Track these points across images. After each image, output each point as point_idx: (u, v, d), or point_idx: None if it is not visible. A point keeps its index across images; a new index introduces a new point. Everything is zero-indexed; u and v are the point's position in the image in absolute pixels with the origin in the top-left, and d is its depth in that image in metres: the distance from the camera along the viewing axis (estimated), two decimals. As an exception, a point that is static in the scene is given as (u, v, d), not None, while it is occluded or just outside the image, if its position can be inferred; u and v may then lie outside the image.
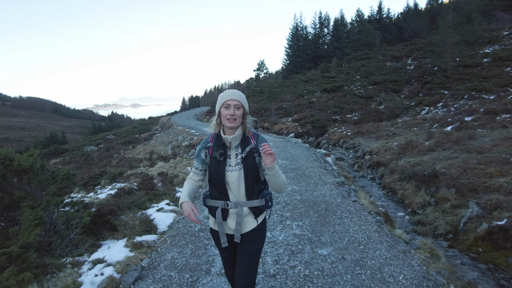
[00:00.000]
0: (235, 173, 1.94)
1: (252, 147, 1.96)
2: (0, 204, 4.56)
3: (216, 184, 1.97)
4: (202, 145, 2.08)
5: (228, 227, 2.02)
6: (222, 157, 1.95)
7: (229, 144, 1.97)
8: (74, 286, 3.25)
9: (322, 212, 4.93)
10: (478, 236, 4.88)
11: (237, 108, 1.89)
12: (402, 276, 3.15)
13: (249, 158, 1.95)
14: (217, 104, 1.97)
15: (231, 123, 1.89)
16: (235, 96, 1.90)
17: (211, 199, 2.05)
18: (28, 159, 4.94)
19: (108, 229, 4.80)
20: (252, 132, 2.04)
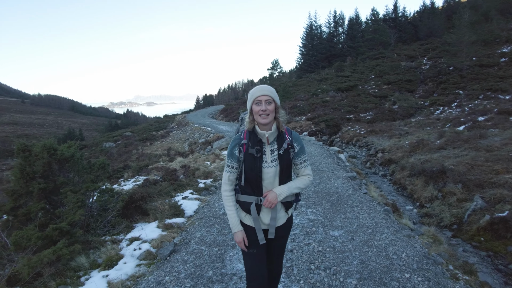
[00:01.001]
0: (272, 169, 1.94)
1: (288, 143, 1.97)
2: (46, 189, 5.16)
3: (250, 180, 1.96)
4: (234, 142, 2.02)
5: (261, 221, 2.01)
6: (259, 154, 1.93)
7: (266, 140, 1.95)
8: (117, 257, 3.78)
9: (334, 202, 5.37)
10: (481, 226, 5.23)
11: (268, 103, 1.88)
12: (404, 254, 3.56)
13: (285, 154, 1.96)
14: (248, 101, 1.97)
15: (264, 118, 1.88)
16: (265, 91, 1.90)
17: (242, 194, 2.03)
18: (69, 150, 5.53)
19: (140, 213, 5.36)
20: (286, 127, 2.03)
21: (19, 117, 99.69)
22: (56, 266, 3.90)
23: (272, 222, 1.99)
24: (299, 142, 2.04)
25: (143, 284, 3.08)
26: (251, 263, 2.06)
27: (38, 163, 5.09)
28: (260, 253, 2.05)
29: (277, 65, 50.08)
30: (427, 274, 3.20)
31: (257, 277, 2.03)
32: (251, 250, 2.04)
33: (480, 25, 35.01)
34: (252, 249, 2.04)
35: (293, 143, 2.00)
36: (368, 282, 2.98)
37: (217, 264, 3.33)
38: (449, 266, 3.62)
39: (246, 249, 1.98)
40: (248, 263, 2.08)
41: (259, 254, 2.05)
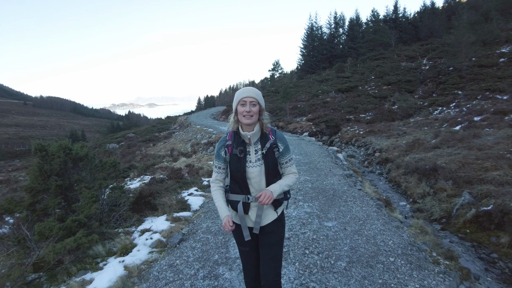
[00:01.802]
0: (256, 168, 2.00)
1: (272, 143, 2.02)
2: (62, 186, 5.56)
3: (237, 180, 2.03)
4: (220, 144, 2.11)
5: (249, 219, 2.07)
6: (242, 154, 2.00)
7: (248, 141, 2.02)
8: (130, 246, 4.18)
9: (330, 197, 5.75)
10: (467, 219, 5.59)
11: (253, 105, 1.95)
12: (391, 242, 3.93)
13: (269, 154, 2.01)
14: (233, 102, 2.04)
15: (248, 119, 1.95)
16: (250, 93, 1.96)
17: (231, 193, 2.08)
18: (83, 149, 5.94)
19: (149, 208, 5.76)
20: (270, 128, 2.09)
21: (22, 119, 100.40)
22: (75, 254, 4.29)
23: (258, 219, 2.02)
24: (284, 142, 2.09)
25: (157, 267, 3.47)
26: (244, 260, 2.23)
27: (55, 162, 5.50)
28: (252, 251, 2.15)
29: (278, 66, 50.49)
30: (410, 258, 3.58)
31: (250, 273, 2.20)
32: (244, 248, 2.16)
33: (480, 26, 35.28)
34: (245, 247, 2.14)
35: (277, 142, 2.05)
36: (356, 265, 3.36)
37: (222, 250, 3.72)
38: (433, 253, 3.98)
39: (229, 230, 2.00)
40: (242, 260, 2.25)
41: (251, 252, 2.15)
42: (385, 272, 3.23)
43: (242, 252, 2.20)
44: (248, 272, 2.22)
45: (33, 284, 3.84)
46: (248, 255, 2.17)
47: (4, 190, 14.47)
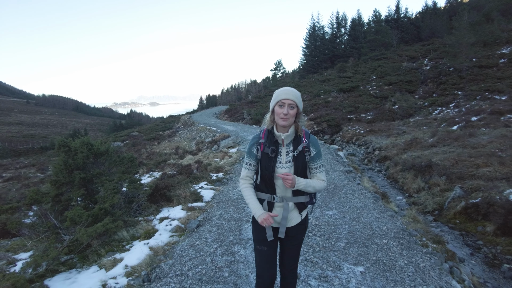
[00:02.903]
0: (285, 170, 1.99)
1: (304, 146, 2.00)
2: (85, 178, 6.07)
3: (265, 179, 2.03)
4: (253, 141, 2.11)
5: (274, 219, 2.05)
6: (273, 154, 1.99)
7: (282, 142, 2.01)
8: (152, 231, 4.67)
9: (331, 190, 6.24)
10: (457, 211, 6.08)
11: (291, 108, 1.93)
12: (385, 227, 4.42)
13: (300, 157, 2.00)
14: (272, 101, 2.01)
15: (284, 121, 1.93)
16: (290, 95, 1.93)
17: (257, 191, 2.10)
18: (104, 145, 6.44)
19: (164, 200, 6.27)
20: (305, 131, 2.07)
21: (24, 118, 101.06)
22: (102, 239, 4.80)
23: (283, 222, 2.03)
24: (317, 147, 2.07)
25: (179, 247, 3.97)
26: (260, 260, 2.14)
27: (78, 157, 6.00)
28: (269, 252, 2.10)
29: (280, 66, 51.02)
30: (401, 241, 4.06)
31: (264, 275, 2.11)
32: (261, 248, 2.10)
33: (481, 26, 35.62)
34: (263, 246, 2.09)
35: (309, 147, 2.04)
36: (353, 245, 3.85)
37: (236, 233, 4.23)
38: (423, 238, 4.46)
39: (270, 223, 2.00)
40: (258, 260, 2.16)
41: (269, 252, 2.10)
42: (379, 251, 3.72)
43: (259, 252, 2.13)
44: (262, 274, 2.13)
45: (67, 264, 4.34)
46: (265, 255, 2.11)
47: (17, 186, 15.02)
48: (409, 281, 3.12)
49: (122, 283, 3.29)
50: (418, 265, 3.46)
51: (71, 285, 3.62)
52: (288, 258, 2.20)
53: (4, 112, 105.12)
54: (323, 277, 3.15)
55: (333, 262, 3.43)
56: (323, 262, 3.43)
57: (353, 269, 3.31)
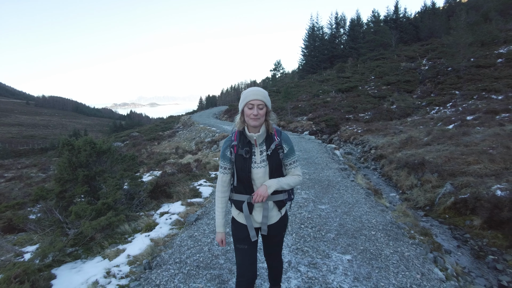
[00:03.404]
0: (261, 169, 2.01)
1: (277, 144, 2.03)
2: (88, 175, 6.30)
3: (242, 180, 2.03)
4: (226, 144, 2.11)
5: (253, 220, 2.09)
6: (248, 155, 2.01)
7: (254, 142, 2.03)
8: (153, 224, 4.90)
9: (325, 186, 6.47)
10: (446, 206, 6.31)
11: (260, 108, 1.94)
12: (375, 220, 4.64)
13: (274, 155, 2.03)
14: (240, 103, 2.02)
15: (255, 121, 1.95)
16: (258, 96, 1.94)
17: (236, 193, 2.11)
18: (106, 144, 6.68)
19: (165, 196, 6.50)
20: (275, 129, 2.09)
21: (24, 119, 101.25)
22: (106, 232, 5.02)
23: (264, 220, 2.07)
24: (289, 143, 2.11)
25: (178, 238, 4.20)
26: (241, 259, 2.13)
27: (82, 155, 6.23)
28: (250, 250, 2.12)
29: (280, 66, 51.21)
30: (389, 233, 4.28)
31: (245, 274, 2.11)
32: (242, 246, 2.11)
33: (479, 26, 35.85)
34: (243, 245, 2.10)
35: (282, 144, 2.07)
36: (343, 236, 4.08)
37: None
38: (411, 231, 4.69)
39: (223, 245, 2.18)
40: (239, 259, 2.15)
41: (250, 251, 2.12)
42: (366, 242, 3.94)
43: (240, 251, 2.13)
44: (243, 273, 2.13)
45: (72, 255, 4.57)
46: (245, 253, 2.12)
47: (19, 185, 15.25)
48: (393, 268, 3.34)
49: (125, 271, 3.52)
50: (403, 254, 3.68)
51: (77, 273, 3.84)
52: (273, 251, 2.33)
53: (4, 113, 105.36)
54: (312, 264, 3.38)
55: (322, 251, 3.66)
56: (313, 251, 3.66)
57: (341, 257, 3.54)
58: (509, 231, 5.00)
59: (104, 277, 3.49)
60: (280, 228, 2.20)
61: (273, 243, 2.27)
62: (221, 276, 3.17)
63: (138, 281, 3.23)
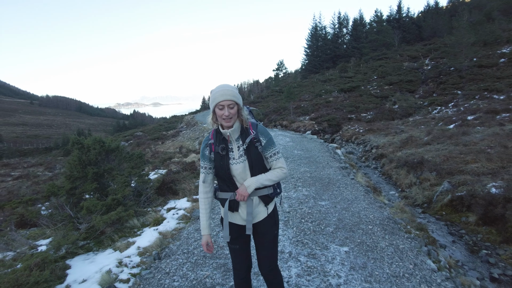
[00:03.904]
0: (240, 165, 1.98)
1: (253, 137, 1.99)
2: (98, 173, 6.54)
3: (223, 178, 2.01)
4: (204, 143, 2.10)
5: (240, 217, 2.05)
6: (224, 151, 1.98)
7: (227, 138, 2.01)
8: (161, 219, 5.14)
9: (325, 184, 6.68)
10: (444, 204, 6.50)
11: (231, 108, 1.91)
12: (372, 216, 4.86)
13: (252, 149, 1.99)
14: (210, 103, 1.97)
15: (228, 122, 1.93)
16: (227, 96, 1.89)
17: (220, 191, 2.09)
18: (114, 143, 6.92)
19: (171, 193, 6.74)
20: (251, 122, 2.05)
21: (28, 118, 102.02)
22: (115, 226, 5.27)
23: (249, 217, 1.99)
24: (266, 135, 2.05)
25: (185, 231, 4.44)
26: (234, 257, 2.16)
27: (91, 153, 6.48)
28: (242, 249, 2.12)
29: (282, 66, 51.46)
30: (386, 227, 4.49)
31: (240, 268, 2.15)
32: (234, 246, 2.11)
33: (482, 26, 35.84)
34: (234, 245, 2.10)
35: (258, 137, 2.01)
36: (341, 230, 4.30)
37: (236, 220, 4.70)
38: (407, 226, 4.89)
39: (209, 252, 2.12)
40: (232, 257, 2.18)
41: (241, 250, 2.12)
42: (363, 235, 4.16)
43: (232, 250, 2.14)
44: (238, 273, 2.17)
45: (84, 248, 4.82)
46: (238, 253, 2.12)
47: (27, 184, 15.56)
48: (388, 259, 3.56)
49: (135, 261, 3.75)
50: (398, 246, 3.89)
51: (90, 264, 4.09)
52: (264, 257, 2.15)
53: (8, 113, 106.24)
54: (312, 254, 3.60)
55: (321, 243, 3.88)
56: (313, 243, 3.88)
57: (339, 249, 3.76)
58: (502, 227, 5.19)
59: (117, 266, 3.72)
60: (269, 225, 2.09)
61: (265, 242, 2.12)
62: (226, 265, 3.40)
63: (148, 269, 3.46)
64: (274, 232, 2.14)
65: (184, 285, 3.06)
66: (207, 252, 2.10)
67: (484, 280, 4.17)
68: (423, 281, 3.12)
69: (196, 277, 3.17)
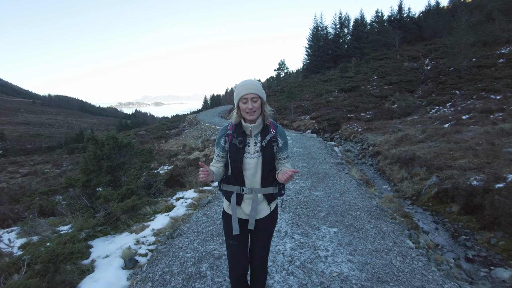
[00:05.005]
0: (253, 160, 2.01)
1: (272, 136, 2.02)
2: (111, 166, 7.10)
3: (233, 170, 2.03)
4: (221, 132, 2.13)
5: (242, 211, 2.09)
6: (241, 144, 2.01)
7: (249, 132, 2.03)
8: (171, 207, 5.69)
9: (321, 177, 7.23)
10: (431, 196, 7.03)
11: (254, 101, 1.95)
12: (361, 204, 5.40)
13: (268, 147, 2.02)
14: (234, 97, 2.02)
15: (251, 115, 1.96)
16: (251, 89, 1.94)
17: (227, 184, 2.11)
18: (126, 139, 7.48)
19: (178, 185, 7.29)
20: (272, 121, 2.09)
21: (31, 117, 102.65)
22: (129, 213, 5.82)
23: (252, 213, 2.04)
24: (284, 137, 2.11)
25: (194, 216, 4.99)
26: (230, 254, 2.16)
27: (106, 148, 7.04)
28: (240, 246, 2.13)
29: (284, 66, 51.91)
30: (373, 214, 5.03)
31: (235, 268, 2.15)
32: (232, 242, 2.12)
33: (482, 26, 36.20)
34: (233, 240, 2.11)
35: (277, 137, 2.06)
36: (332, 215, 4.84)
37: (239, 206, 5.25)
38: (394, 214, 5.42)
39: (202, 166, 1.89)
40: (228, 254, 2.18)
41: (239, 247, 2.13)
42: (352, 219, 4.70)
43: (230, 246, 2.15)
44: (235, 269, 2.17)
45: (102, 232, 5.37)
46: (236, 249, 2.14)
47: (37, 180, 16.16)
48: (371, 238, 4.10)
49: (151, 240, 4.30)
50: (381, 228, 4.43)
51: (110, 244, 4.64)
52: (258, 252, 2.20)
53: (11, 112, 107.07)
54: (304, 233, 4.14)
55: (313, 225, 4.42)
56: (306, 225, 4.42)
57: (329, 229, 4.30)
58: (481, 215, 5.71)
59: (135, 244, 4.27)
60: (268, 223, 2.16)
61: (260, 238, 2.18)
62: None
63: (164, 245, 4.01)
64: (272, 229, 2.22)
65: (196, 256, 3.60)
66: (202, 172, 1.87)
67: (459, 260, 4.70)
68: (399, 255, 3.66)
69: (205, 250, 3.72)
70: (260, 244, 2.19)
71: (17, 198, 9.61)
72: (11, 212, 7.67)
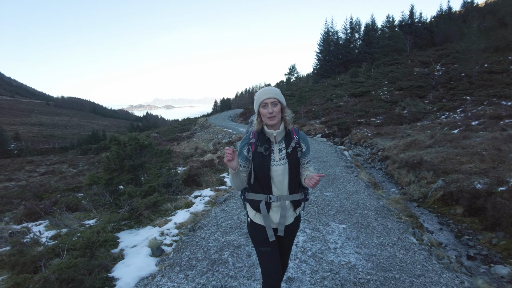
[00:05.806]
0: (280, 167, 1.99)
1: (296, 142, 2.03)
2: (133, 166, 7.57)
3: (260, 179, 2.01)
4: (243, 142, 2.09)
5: (271, 220, 2.06)
6: (267, 152, 1.99)
7: (274, 139, 2.02)
8: (191, 203, 6.12)
9: (331, 179, 7.58)
10: (436, 198, 7.31)
11: (274, 105, 1.95)
12: (369, 204, 5.73)
13: (293, 153, 2.02)
14: (255, 104, 2.03)
15: (272, 120, 1.96)
16: (270, 94, 1.96)
17: (252, 192, 2.09)
18: (146, 140, 7.96)
19: (195, 184, 7.73)
20: (293, 127, 2.10)
21: (44, 119, 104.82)
22: (151, 209, 6.26)
23: (282, 220, 2.04)
24: (306, 142, 2.13)
25: (213, 212, 5.40)
26: (266, 260, 2.11)
27: (128, 148, 7.52)
28: (274, 251, 2.10)
29: (294, 70, 52.26)
30: (380, 213, 5.36)
31: (273, 275, 2.09)
32: (265, 249, 2.09)
33: (494, 31, 35.99)
34: (266, 247, 2.09)
35: (300, 142, 2.07)
36: (341, 213, 5.19)
37: (254, 204, 5.64)
38: (400, 214, 5.74)
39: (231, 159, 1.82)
40: (263, 260, 2.12)
41: (273, 252, 2.10)
42: (359, 217, 5.04)
43: (263, 253, 2.10)
44: (271, 274, 2.10)
45: (127, 225, 5.81)
46: (270, 256, 2.09)
47: (55, 178, 16.83)
48: (377, 233, 4.43)
49: (174, 232, 4.72)
50: (387, 226, 4.76)
51: (135, 236, 5.06)
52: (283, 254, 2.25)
53: (25, 113, 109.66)
54: (316, 229, 4.51)
55: (324, 222, 4.79)
56: (317, 221, 4.79)
57: (338, 226, 4.65)
58: (483, 216, 5.99)
59: (160, 235, 4.69)
60: (294, 229, 2.19)
61: (285, 244, 2.23)
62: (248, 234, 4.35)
63: (187, 236, 4.43)
64: (296, 234, 2.26)
65: (217, 245, 4.01)
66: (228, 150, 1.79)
67: (461, 257, 5.00)
68: (402, 248, 3.99)
69: (225, 240, 4.12)
70: (283, 250, 2.24)
71: (40, 195, 10.18)
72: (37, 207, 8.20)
